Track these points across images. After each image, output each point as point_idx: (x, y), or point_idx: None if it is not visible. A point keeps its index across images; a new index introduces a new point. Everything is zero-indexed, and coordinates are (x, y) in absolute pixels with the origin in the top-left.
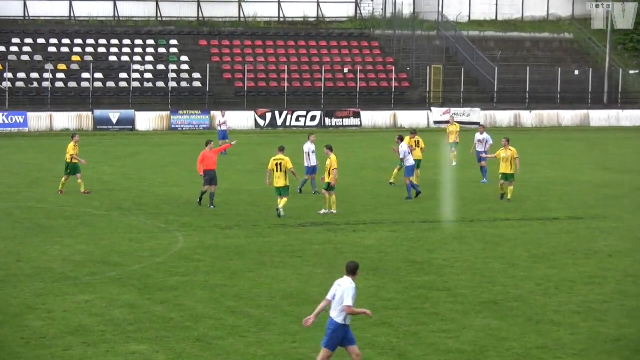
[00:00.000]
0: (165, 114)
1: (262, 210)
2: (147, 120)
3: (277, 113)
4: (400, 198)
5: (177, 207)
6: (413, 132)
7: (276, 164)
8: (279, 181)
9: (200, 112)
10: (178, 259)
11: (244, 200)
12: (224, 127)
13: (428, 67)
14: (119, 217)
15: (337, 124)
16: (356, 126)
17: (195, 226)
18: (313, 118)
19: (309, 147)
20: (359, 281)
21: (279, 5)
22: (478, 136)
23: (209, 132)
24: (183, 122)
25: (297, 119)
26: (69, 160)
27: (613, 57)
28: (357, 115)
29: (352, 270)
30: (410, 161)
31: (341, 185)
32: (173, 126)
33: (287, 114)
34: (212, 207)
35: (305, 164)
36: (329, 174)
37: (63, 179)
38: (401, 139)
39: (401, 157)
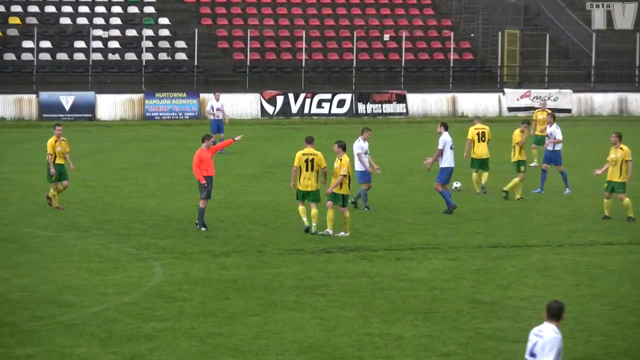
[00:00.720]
0: (137, 97)
1: (270, 231)
2: (111, 106)
3: (291, 96)
4: (465, 215)
5: (154, 225)
6: (477, 118)
7: (306, 161)
8: (309, 183)
9: (185, 95)
10: (155, 298)
11: (246, 217)
12: (218, 116)
13: (500, 34)
14: (73, 240)
15: (375, 111)
16: (400, 114)
17: (178, 252)
18: (341, 103)
19: (361, 146)
20: (403, 328)
21: None
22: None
23: (199, 123)
24: (162, 108)
25: (319, 105)
26: (51, 161)
27: None
28: (401, 99)
29: (557, 313)
30: (448, 161)
31: (379, 195)
32: (148, 114)
33: (305, 97)
34: (202, 229)
35: (357, 168)
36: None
37: (52, 190)
38: (445, 127)
39: (440, 147)
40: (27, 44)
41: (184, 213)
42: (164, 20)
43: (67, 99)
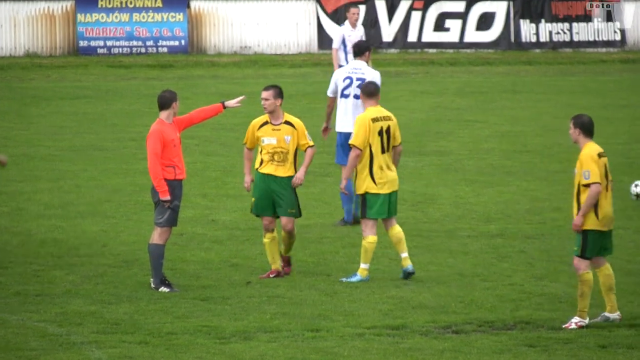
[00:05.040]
0: (61, 7)
1: (314, 281)
2: (9, 26)
3: (381, 6)
4: None
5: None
6: None
7: (380, 132)
8: (389, 177)
9: (160, 5)
10: None
11: (237, 258)
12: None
13: None
14: None
15: (555, 36)
16: (610, 44)
17: (143, 331)
18: (485, 21)
19: None
20: None
21: None
22: None
23: (189, 62)
24: (109, 32)
25: (440, 25)
26: None
27: None
28: (611, 13)
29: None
30: None
31: None
32: (82, 44)
33: (411, 8)
34: (162, 289)
35: None
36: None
37: None
38: None
39: None
40: None
41: (127, 246)
42: None
43: None
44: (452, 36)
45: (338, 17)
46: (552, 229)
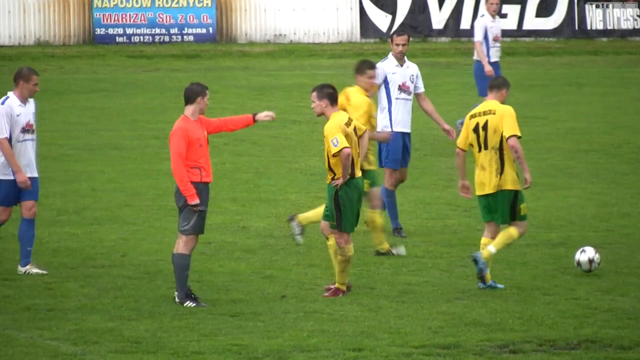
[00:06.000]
0: None
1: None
2: (27, 12)
3: None
4: None
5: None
6: None
7: (475, 129)
8: (487, 178)
9: None
10: None
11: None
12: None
13: None
14: None
15: (621, 22)
16: None
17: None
18: (546, 6)
19: None
20: None
21: None
22: None
23: (217, 52)
24: (127, 18)
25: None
26: None
27: None
28: None
29: None
30: None
31: None
32: (98, 32)
33: None
34: (189, 303)
35: None
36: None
37: None
38: None
39: None
40: None
41: (149, 256)
42: None
43: None
44: (509, 23)
45: (382, 2)
46: (621, 237)
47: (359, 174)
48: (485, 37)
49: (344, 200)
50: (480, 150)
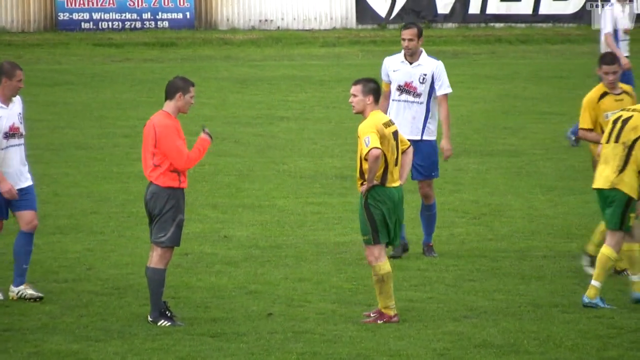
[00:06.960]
0: None
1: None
2: None
3: None
4: None
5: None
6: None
7: (622, 120)
8: (608, 175)
9: None
10: None
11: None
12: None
13: None
14: None
15: None
16: None
17: None
18: None
19: None
20: None
21: None
22: None
23: (195, 40)
24: (95, 2)
25: None
26: None
27: None
28: None
29: None
30: None
31: None
32: (61, 18)
33: None
34: (163, 322)
35: None
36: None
37: None
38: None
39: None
40: None
41: (118, 269)
42: None
43: None
44: (524, 7)
45: None
46: None
47: (395, 184)
48: (615, 28)
49: (374, 209)
50: (608, 142)
